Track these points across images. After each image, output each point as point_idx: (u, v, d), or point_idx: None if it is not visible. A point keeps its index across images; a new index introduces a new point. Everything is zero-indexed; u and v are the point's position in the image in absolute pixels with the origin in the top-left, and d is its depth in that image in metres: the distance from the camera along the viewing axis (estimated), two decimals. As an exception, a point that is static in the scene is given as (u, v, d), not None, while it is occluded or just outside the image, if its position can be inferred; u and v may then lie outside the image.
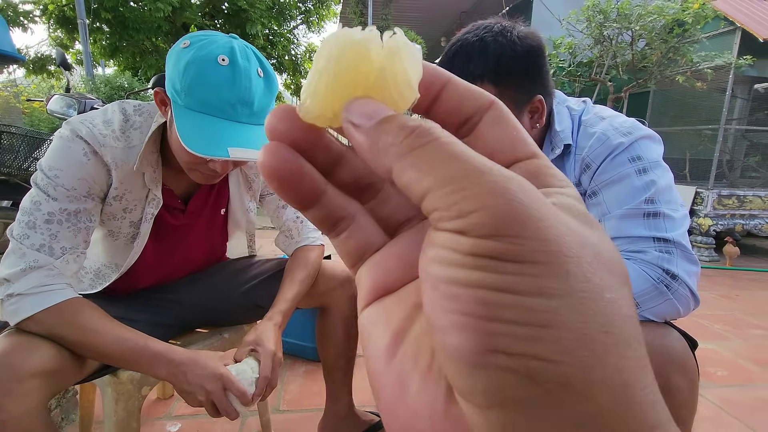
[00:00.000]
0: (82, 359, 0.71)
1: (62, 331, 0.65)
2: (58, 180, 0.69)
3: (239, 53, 0.66)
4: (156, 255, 0.89)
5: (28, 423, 0.59)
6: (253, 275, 1.03)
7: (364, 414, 1.18)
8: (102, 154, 0.72)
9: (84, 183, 0.71)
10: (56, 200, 0.69)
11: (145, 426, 1.19)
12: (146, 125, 0.76)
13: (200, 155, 0.64)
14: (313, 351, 1.58)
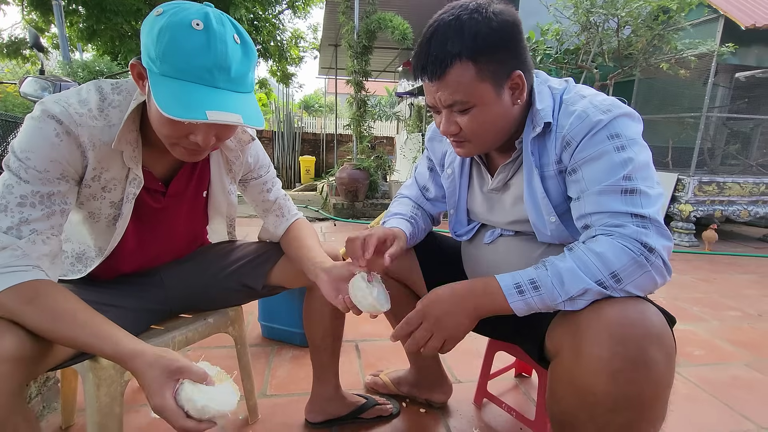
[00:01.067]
0: (55, 344, 0.69)
1: (22, 315, 0.62)
2: (29, 162, 0.66)
3: (214, 19, 0.64)
4: (138, 239, 0.87)
5: (3, 409, 0.57)
6: (237, 257, 1.02)
7: (351, 396, 1.19)
8: (77, 134, 0.69)
9: (57, 165, 0.69)
10: (28, 183, 0.66)
11: (129, 413, 1.18)
12: (125, 103, 0.74)
13: (177, 119, 0.61)
14: (300, 337, 1.59)
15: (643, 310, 0.64)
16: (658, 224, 0.67)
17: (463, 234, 1.02)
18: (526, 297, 0.70)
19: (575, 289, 0.67)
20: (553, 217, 0.81)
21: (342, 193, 4.49)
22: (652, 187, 0.70)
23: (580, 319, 0.67)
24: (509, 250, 0.92)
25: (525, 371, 1.44)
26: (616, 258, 0.65)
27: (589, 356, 0.63)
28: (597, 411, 0.64)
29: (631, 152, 0.71)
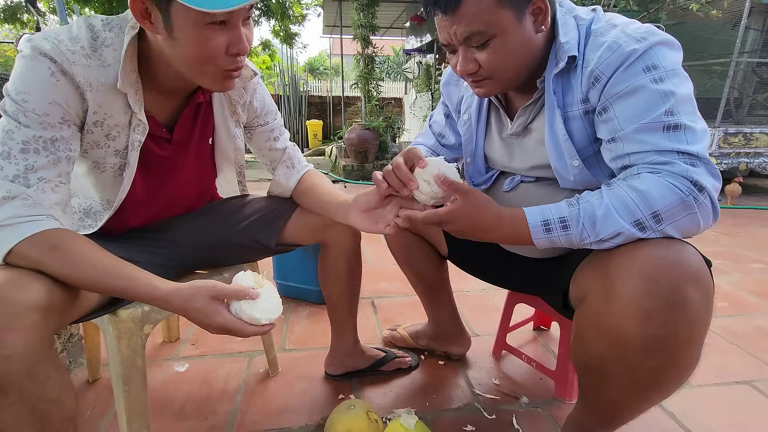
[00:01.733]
0: (80, 293, 0.68)
1: (47, 263, 0.61)
2: (27, 105, 0.63)
3: None
4: (146, 189, 0.84)
5: (32, 359, 0.56)
6: (249, 212, 1.00)
7: (369, 349, 1.19)
8: (72, 73, 0.65)
9: (56, 108, 0.65)
10: (29, 127, 0.63)
11: (152, 367, 1.21)
12: (118, 41, 0.69)
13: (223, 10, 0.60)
14: (317, 294, 1.59)
15: (679, 249, 0.60)
16: (707, 162, 0.61)
17: (481, 183, 0.97)
18: (552, 235, 0.66)
19: (607, 232, 0.62)
20: (576, 161, 0.75)
21: (351, 155, 4.42)
22: (696, 122, 0.64)
23: (611, 261, 0.63)
24: (530, 197, 0.87)
25: (544, 324, 1.42)
26: (660, 197, 0.59)
27: (620, 297, 0.60)
28: (627, 354, 0.61)
29: (671, 84, 0.64)
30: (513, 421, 1.00)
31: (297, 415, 1.03)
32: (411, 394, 1.11)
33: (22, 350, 0.55)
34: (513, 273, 0.99)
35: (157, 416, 1.01)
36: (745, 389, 1.13)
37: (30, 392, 0.57)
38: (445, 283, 1.20)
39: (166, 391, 1.11)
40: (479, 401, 1.08)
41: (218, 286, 0.67)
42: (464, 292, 1.69)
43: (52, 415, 0.60)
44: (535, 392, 1.11)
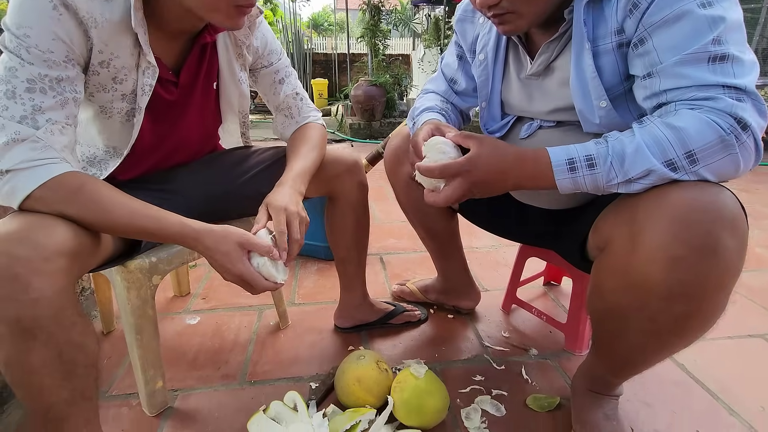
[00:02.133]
0: (101, 239, 0.67)
1: (70, 207, 0.60)
2: (29, 40, 0.59)
3: None
4: (153, 136, 0.81)
5: (59, 303, 0.56)
6: (253, 164, 0.96)
7: (379, 303, 1.19)
8: (75, 6, 0.60)
9: (60, 45, 0.61)
10: (33, 65, 0.59)
11: (164, 320, 1.22)
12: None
13: None
14: (325, 250, 1.58)
15: (715, 192, 0.56)
16: (756, 97, 0.55)
17: (496, 130, 0.92)
18: (577, 175, 0.62)
19: (637, 171, 0.58)
20: (603, 102, 0.69)
21: (358, 113, 4.31)
22: (744, 53, 0.57)
23: (639, 205, 0.59)
24: (549, 143, 0.81)
25: (554, 279, 1.41)
26: (698, 135, 0.54)
27: (647, 243, 0.57)
28: (650, 302, 0.59)
29: (720, 8, 0.56)
30: (522, 372, 1.01)
31: (307, 365, 1.04)
32: (420, 346, 1.12)
33: (50, 294, 0.55)
34: (527, 225, 0.96)
35: (171, 366, 1.03)
36: (758, 342, 1.12)
37: (57, 336, 0.57)
38: (455, 237, 1.17)
39: (179, 343, 1.13)
40: (488, 353, 1.08)
41: (249, 236, 0.69)
42: (473, 249, 1.68)
43: (77, 360, 0.61)
44: (544, 345, 1.11)
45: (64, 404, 0.62)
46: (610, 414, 0.80)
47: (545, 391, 0.95)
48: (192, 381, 0.99)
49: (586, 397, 0.82)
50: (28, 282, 0.53)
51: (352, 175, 0.97)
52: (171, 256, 0.85)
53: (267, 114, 6.62)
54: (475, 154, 0.68)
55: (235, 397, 0.94)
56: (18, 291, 0.53)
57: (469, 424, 0.86)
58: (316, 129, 0.95)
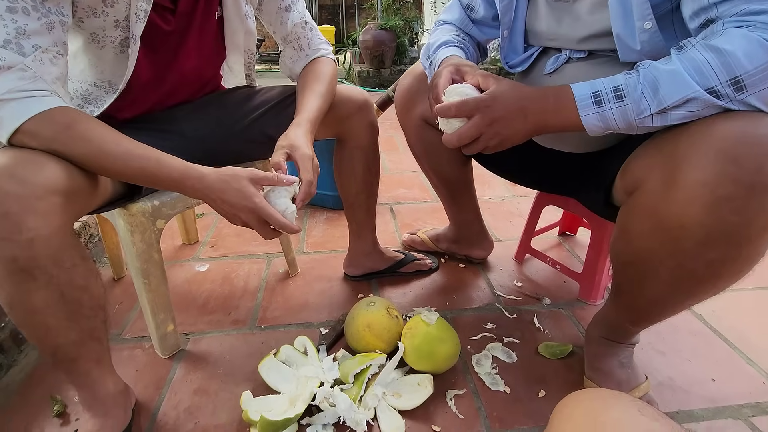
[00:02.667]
0: (98, 179, 0.64)
1: (61, 145, 0.56)
2: None
3: None
4: (151, 69, 0.75)
5: (57, 244, 0.54)
6: (258, 103, 0.90)
7: (388, 251, 1.17)
8: None
9: None
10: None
11: (174, 267, 1.22)
12: None
13: None
14: (334, 199, 1.55)
15: (763, 125, 0.49)
16: None
17: (518, 64, 0.83)
18: (604, 109, 0.56)
19: (673, 99, 0.51)
20: (648, 23, 0.60)
21: (367, 59, 4.11)
22: None
23: (680, 140, 0.53)
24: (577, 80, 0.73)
25: (569, 229, 1.37)
26: (747, 57, 0.47)
27: (686, 181, 0.51)
28: (684, 246, 0.55)
29: None
30: (534, 320, 1.00)
31: (317, 311, 1.04)
32: (430, 294, 1.10)
33: (46, 234, 0.52)
34: (548, 170, 0.90)
35: (181, 310, 1.03)
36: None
37: (58, 278, 0.56)
38: (469, 185, 1.12)
39: (189, 289, 1.13)
40: (500, 302, 1.07)
41: (259, 171, 0.64)
42: (487, 199, 1.63)
43: (82, 301, 0.60)
44: (557, 294, 1.09)
45: (72, 345, 0.61)
46: (625, 362, 0.79)
47: (558, 339, 0.94)
48: (203, 325, 0.99)
49: (601, 345, 0.80)
50: (21, 220, 0.50)
51: (363, 116, 0.91)
52: (174, 200, 0.82)
53: (273, 64, 6.38)
54: (495, 89, 0.63)
55: (245, 342, 0.94)
56: (11, 230, 0.50)
57: (480, 369, 0.85)
58: (327, 64, 0.88)
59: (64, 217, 0.55)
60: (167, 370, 0.87)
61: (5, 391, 0.82)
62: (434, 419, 0.75)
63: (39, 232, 0.52)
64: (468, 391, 0.81)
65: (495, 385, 0.82)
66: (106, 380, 0.69)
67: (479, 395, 0.80)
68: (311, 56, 0.88)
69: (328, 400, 0.74)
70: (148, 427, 0.75)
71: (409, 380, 0.81)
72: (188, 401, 0.80)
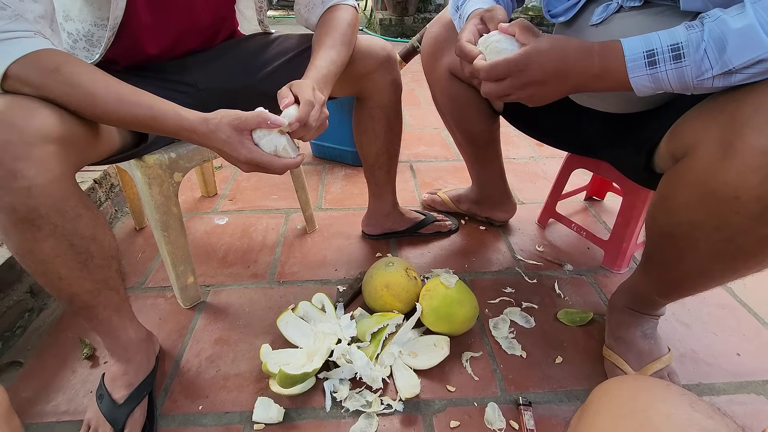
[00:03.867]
0: (99, 129, 0.61)
1: (51, 89, 0.53)
2: None
3: None
4: (149, 9, 0.70)
5: (58, 193, 0.53)
6: (274, 55, 0.85)
7: (408, 212, 1.14)
8: None
9: None
10: None
11: (193, 219, 1.23)
12: None
13: None
14: (353, 155, 1.51)
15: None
16: None
17: (561, 13, 0.75)
18: (658, 70, 0.50)
19: (743, 59, 0.45)
20: None
21: (389, 6, 3.88)
22: None
23: (743, 101, 0.48)
24: (629, 33, 0.65)
25: (597, 194, 1.31)
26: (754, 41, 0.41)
27: (748, 147, 0.46)
28: (733, 219, 0.50)
29: None
30: (555, 286, 0.98)
31: (335, 268, 1.04)
32: (450, 255, 1.09)
33: (43, 182, 0.51)
34: (584, 131, 0.84)
35: (201, 262, 1.05)
36: (819, 269, 1.04)
37: (63, 228, 0.55)
38: (495, 143, 1.07)
39: (208, 242, 1.13)
40: (520, 266, 1.04)
41: (240, 115, 0.59)
42: (511, 159, 1.57)
43: (92, 251, 0.60)
44: (580, 261, 1.06)
45: (88, 294, 0.62)
46: (649, 333, 0.77)
47: (578, 306, 0.92)
48: (222, 278, 1.01)
49: (624, 314, 0.78)
50: (15, 168, 0.48)
51: (385, 73, 0.85)
52: (191, 152, 0.80)
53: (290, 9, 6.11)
54: (531, 48, 0.56)
55: (264, 295, 0.95)
56: (6, 178, 0.48)
57: (497, 333, 0.85)
58: (347, 12, 0.80)
59: (63, 165, 0.53)
60: (189, 320, 0.89)
61: (37, 332, 0.86)
62: (449, 380, 0.76)
63: (35, 180, 0.50)
64: (484, 353, 0.81)
65: (512, 349, 0.82)
66: (127, 328, 0.71)
67: (495, 358, 0.80)
68: (328, 3, 0.80)
69: (345, 356, 0.74)
70: (171, 372, 0.78)
71: (426, 341, 0.81)
72: (210, 350, 0.82)
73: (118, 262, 0.65)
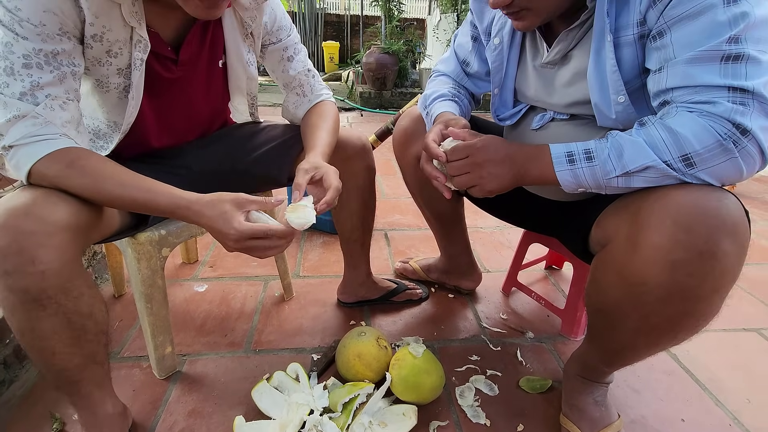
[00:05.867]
0: (104, 214, 0.69)
1: (66, 181, 0.61)
2: (21, 13, 0.58)
3: None
4: (156, 114, 0.81)
5: (67, 275, 0.59)
6: (262, 141, 0.96)
7: (381, 281, 1.21)
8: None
9: (53, 18, 0.60)
10: (27, 39, 0.59)
11: (173, 287, 1.26)
12: None
13: None
14: (330, 224, 1.60)
15: (719, 197, 0.55)
16: (763, 100, 0.53)
17: (507, 118, 0.90)
18: (576, 167, 0.63)
19: (634, 165, 0.58)
20: (621, 97, 0.67)
21: (369, 81, 4.21)
22: (764, 52, 0.55)
23: (642, 205, 0.60)
24: (561, 137, 0.80)
25: (556, 264, 1.42)
26: (695, 138, 0.54)
27: (647, 245, 0.57)
28: (646, 301, 0.60)
29: (745, 4, 0.54)
30: (517, 354, 1.04)
31: (310, 336, 1.08)
32: (420, 323, 1.15)
33: (56, 267, 0.57)
34: (533, 214, 0.96)
35: (179, 331, 1.07)
36: (752, 336, 1.14)
37: (66, 306, 0.60)
38: (460, 219, 1.18)
39: (187, 309, 1.17)
40: (486, 334, 1.11)
41: (243, 195, 0.67)
42: (478, 229, 1.69)
43: (87, 327, 0.64)
44: (541, 328, 1.14)
45: (76, 368, 0.65)
46: (599, 400, 0.83)
47: (539, 373, 0.99)
48: (199, 346, 1.03)
49: (577, 382, 0.85)
50: (35, 255, 0.55)
51: (361, 159, 0.97)
52: (180, 229, 0.87)
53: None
54: (486, 137, 0.72)
55: (240, 364, 0.98)
56: (25, 264, 0.55)
57: (463, 402, 0.90)
58: (331, 106, 0.95)
59: (74, 250, 0.60)
60: (163, 391, 0.90)
61: (6, 405, 0.86)
62: (417, 449, 0.79)
63: (51, 265, 0.56)
64: (451, 422, 0.85)
65: (476, 417, 0.86)
66: (105, 402, 0.73)
67: (461, 427, 0.84)
68: (314, 101, 0.94)
69: (317, 427, 0.78)
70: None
71: (395, 410, 0.85)
72: (183, 423, 0.83)
73: (106, 336, 0.70)
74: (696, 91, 0.56)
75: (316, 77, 0.96)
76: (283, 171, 0.94)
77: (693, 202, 0.55)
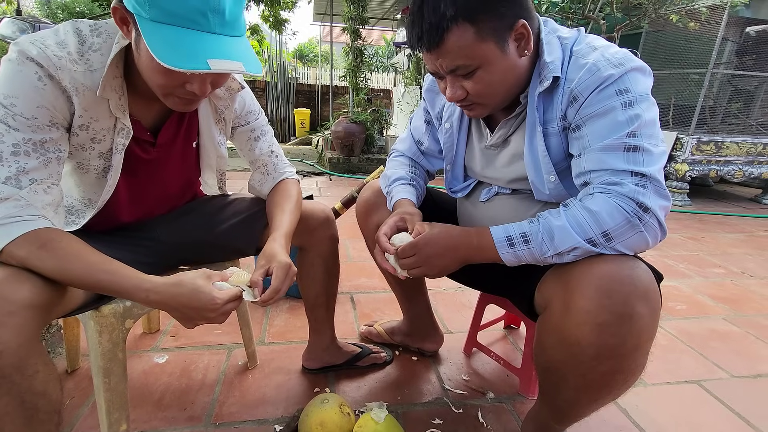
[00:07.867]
0: (69, 291, 0.70)
1: (36, 261, 0.63)
2: (15, 109, 0.64)
3: None
4: (129, 191, 0.86)
5: (23, 354, 0.59)
6: (230, 214, 1.02)
7: (346, 345, 1.23)
8: (59, 78, 0.66)
9: (44, 111, 0.66)
10: (18, 130, 0.65)
11: (132, 358, 1.23)
12: (106, 47, 0.70)
13: (179, 69, 0.59)
14: (296, 289, 1.62)
15: (632, 266, 0.66)
16: (658, 183, 0.67)
17: (459, 191, 1.02)
18: (516, 250, 0.72)
19: (564, 246, 0.68)
20: (552, 176, 0.80)
21: (338, 147, 4.42)
22: (656, 145, 0.69)
23: (572, 274, 0.69)
24: (505, 208, 0.92)
25: (514, 323, 1.49)
26: (609, 217, 0.65)
27: (577, 309, 0.66)
28: (581, 360, 0.67)
29: (638, 108, 0.69)
30: (479, 415, 1.07)
31: (274, 407, 1.07)
32: (384, 387, 1.16)
33: (14, 346, 0.57)
34: (485, 276, 1.05)
35: (136, 406, 1.04)
36: (694, 388, 1.22)
37: (20, 385, 0.59)
38: (421, 284, 1.25)
39: (145, 382, 1.13)
40: (448, 396, 1.14)
41: (204, 269, 0.72)
42: (440, 290, 1.75)
43: (39, 407, 0.63)
44: (501, 388, 1.18)
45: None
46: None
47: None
48: (157, 422, 1.00)
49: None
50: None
51: (325, 229, 1.04)
52: (145, 300, 0.88)
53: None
54: (427, 233, 0.80)
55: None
56: None
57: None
58: (294, 185, 1.02)
59: (35, 327, 0.61)
60: (115, 473, 0.86)
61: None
62: None
63: (8, 344, 0.57)
64: (413, 490, 0.85)
65: (439, 483, 0.87)
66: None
67: (424, 495, 0.85)
68: (277, 179, 1.02)
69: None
70: None
71: (358, 480, 0.84)
72: (134, 508, 0.79)
73: (59, 416, 0.68)
74: (608, 174, 0.69)
75: (279, 157, 1.04)
76: (251, 243, 0.99)
77: (611, 270, 0.65)
